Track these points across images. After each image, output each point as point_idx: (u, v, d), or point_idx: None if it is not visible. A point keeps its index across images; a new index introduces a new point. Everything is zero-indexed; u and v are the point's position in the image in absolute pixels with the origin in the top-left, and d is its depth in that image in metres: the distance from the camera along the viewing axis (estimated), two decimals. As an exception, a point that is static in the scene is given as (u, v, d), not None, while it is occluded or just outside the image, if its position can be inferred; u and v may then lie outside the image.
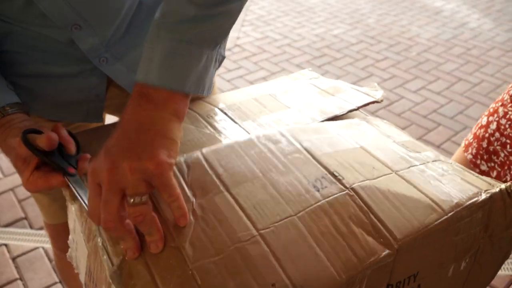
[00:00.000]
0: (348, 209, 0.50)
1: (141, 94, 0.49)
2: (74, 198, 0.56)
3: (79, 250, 0.59)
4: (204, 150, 0.56)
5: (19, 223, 1.61)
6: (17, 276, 1.41)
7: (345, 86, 0.79)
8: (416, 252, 0.50)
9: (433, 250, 0.52)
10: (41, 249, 1.50)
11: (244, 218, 0.48)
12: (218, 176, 0.53)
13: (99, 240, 0.50)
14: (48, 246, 1.50)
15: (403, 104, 2.33)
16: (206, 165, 0.54)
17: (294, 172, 0.54)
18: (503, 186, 0.55)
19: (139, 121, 0.47)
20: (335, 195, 0.51)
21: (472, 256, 0.57)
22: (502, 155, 0.76)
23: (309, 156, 0.57)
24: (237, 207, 0.49)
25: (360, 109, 0.73)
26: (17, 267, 1.45)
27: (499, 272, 1.42)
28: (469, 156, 0.79)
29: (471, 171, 0.58)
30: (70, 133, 0.58)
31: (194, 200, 0.50)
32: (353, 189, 0.52)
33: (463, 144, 0.84)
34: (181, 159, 0.55)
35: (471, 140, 0.82)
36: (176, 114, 0.49)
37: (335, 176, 0.53)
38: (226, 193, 0.51)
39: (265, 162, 0.55)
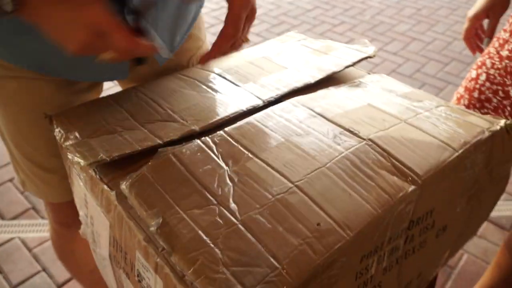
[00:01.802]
0: (369, 155, 0.53)
1: None
2: (85, 169, 0.55)
3: (96, 224, 0.57)
4: (226, 129, 0.57)
5: (-12, 215, 1.53)
6: (-5, 269, 1.36)
7: (337, 45, 0.80)
8: (434, 189, 0.53)
9: (446, 187, 0.56)
10: (17, 240, 1.45)
11: (278, 175, 0.50)
12: (245, 146, 0.54)
13: (121, 208, 0.49)
14: (25, 235, 1.45)
15: (363, 66, 2.37)
16: (231, 140, 0.55)
17: (313, 133, 0.56)
18: (502, 123, 0.59)
19: None
20: (356, 146, 0.54)
21: (475, 192, 0.62)
22: (495, 100, 0.82)
23: (323, 119, 0.59)
24: (269, 168, 0.51)
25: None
26: (-6, 260, 1.39)
27: (505, 213, 1.52)
28: (462, 108, 0.84)
29: (473, 112, 0.62)
30: None
31: (227, 168, 0.51)
32: (370, 139, 0.55)
33: (455, 98, 0.89)
34: (206, 138, 0.56)
35: (463, 93, 0.87)
36: None
37: (351, 131, 0.56)
38: (256, 159, 0.52)
39: (284, 130, 0.57)
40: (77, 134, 0.59)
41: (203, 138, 0.56)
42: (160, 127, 0.59)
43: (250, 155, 0.53)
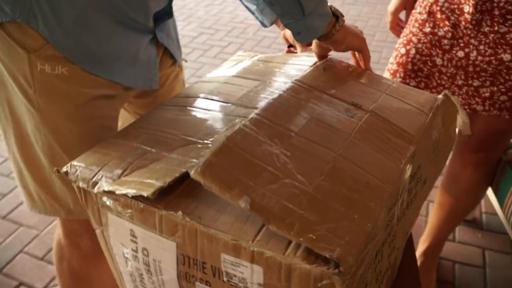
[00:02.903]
0: (377, 124, 0.67)
1: None
2: (129, 205, 0.59)
3: (155, 253, 0.61)
4: (257, 111, 0.64)
5: None
6: None
7: (287, 55, 0.93)
8: (421, 147, 0.68)
9: (426, 144, 0.71)
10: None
11: (321, 148, 0.60)
12: (282, 126, 0.63)
13: (194, 223, 0.55)
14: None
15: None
16: (267, 121, 0.63)
17: (329, 109, 0.68)
18: (443, 93, 0.77)
19: None
20: (364, 117, 0.68)
21: (439, 148, 0.79)
22: (426, 69, 1.02)
23: (328, 96, 0.72)
24: (312, 143, 0.61)
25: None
26: None
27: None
28: (399, 79, 1.03)
29: (412, 88, 0.80)
30: None
31: (277, 147, 0.59)
32: (371, 110, 0.69)
33: (388, 74, 1.07)
34: (246, 123, 0.61)
35: (396, 68, 1.06)
36: None
37: (355, 105, 0.70)
38: (296, 136, 0.61)
39: (305, 108, 0.67)
40: (105, 179, 0.62)
41: (243, 122, 0.61)
42: (187, 150, 0.65)
43: (290, 133, 0.62)
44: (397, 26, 1.15)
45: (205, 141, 0.66)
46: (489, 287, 1.33)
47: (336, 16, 0.73)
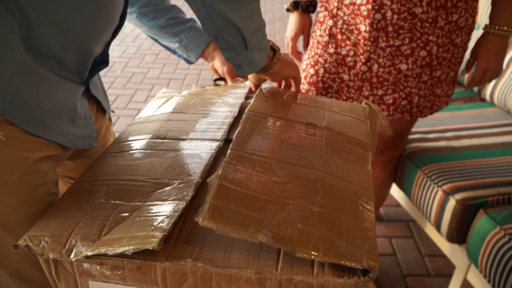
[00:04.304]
0: (336, 138, 0.72)
1: None
2: (121, 266, 0.53)
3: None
4: (232, 146, 0.65)
5: None
6: None
7: (219, 87, 0.94)
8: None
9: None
10: None
11: (305, 169, 0.63)
12: (259, 155, 0.64)
13: (208, 266, 0.52)
14: None
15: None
16: (245, 154, 0.64)
17: (292, 131, 0.71)
18: (364, 102, 0.87)
19: None
20: (324, 134, 0.72)
21: (372, 149, 0.88)
22: (335, 85, 1.11)
23: (286, 121, 0.75)
24: (293, 166, 0.63)
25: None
26: None
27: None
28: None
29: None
30: None
31: (267, 176, 0.60)
32: (326, 127, 0.74)
33: None
34: (228, 159, 0.62)
35: (308, 87, 1.13)
36: None
37: (310, 124, 0.74)
38: (277, 163, 0.63)
39: (270, 135, 0.70)
40: (82, 242, 0.55)
41: (226, 159, 0.61)
42: (164, 194, 0.61)
43: (271, 161, 0.63)
44: (296, 51, 1.25)
45: (180, 180, 0.63)
46: (404, 269, 1.49)
47: (274, 49, 0.77)
